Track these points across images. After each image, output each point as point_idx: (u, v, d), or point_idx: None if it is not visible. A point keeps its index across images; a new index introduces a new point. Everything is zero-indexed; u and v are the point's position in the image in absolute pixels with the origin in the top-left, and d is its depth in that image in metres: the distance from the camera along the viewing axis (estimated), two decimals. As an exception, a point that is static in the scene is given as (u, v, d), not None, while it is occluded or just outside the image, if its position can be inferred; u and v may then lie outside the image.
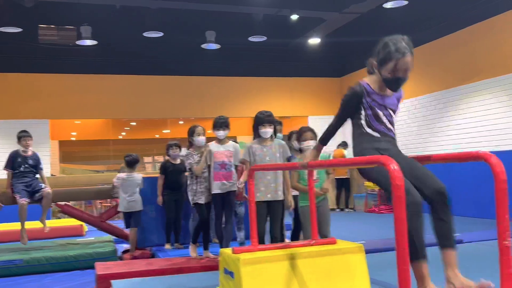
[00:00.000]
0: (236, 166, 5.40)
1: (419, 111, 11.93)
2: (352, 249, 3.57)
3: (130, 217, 6.57)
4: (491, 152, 2.49)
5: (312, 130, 4.77)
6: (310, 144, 4.60)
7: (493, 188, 2.34)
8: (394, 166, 2.16)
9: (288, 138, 5.98)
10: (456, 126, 10.82)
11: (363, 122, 2.87)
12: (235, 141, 5.88)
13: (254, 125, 4.62)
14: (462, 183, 10.44)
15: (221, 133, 5.31)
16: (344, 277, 3.45)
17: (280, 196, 4.50)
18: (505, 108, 9.58)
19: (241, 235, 6.48)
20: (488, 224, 8.70)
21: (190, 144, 5.64)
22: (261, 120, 4.53)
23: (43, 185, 6.60)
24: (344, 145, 13.00)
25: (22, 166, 6.53)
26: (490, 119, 9.90)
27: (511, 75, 9.45)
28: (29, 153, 6.67)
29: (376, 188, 12.37)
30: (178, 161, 6.81)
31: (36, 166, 6.67)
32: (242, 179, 5.19)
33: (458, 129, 10.75)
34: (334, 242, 3.68)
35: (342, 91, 14.47)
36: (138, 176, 6.62)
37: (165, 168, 6.78)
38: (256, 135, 4.59)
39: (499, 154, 9.81)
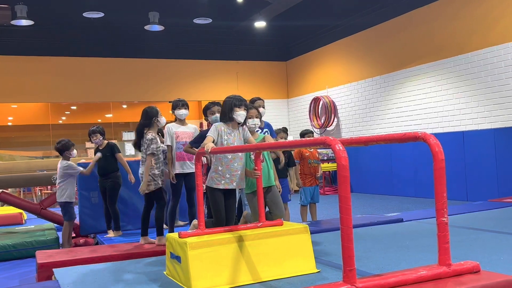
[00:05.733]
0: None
1: (362, 94, 12.22)
2: (297, 230, 3.63)
3: None
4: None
5: (256, 108, 4.62)
6: (256, 121, 4.45)
7: (431, 168, 2.44)
8: (339, 146, 2.20)
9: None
10: (397, 109, 11.17)
11: None
12: None
13: (226, 108, 4.12)
14: (402, 164, 10.85)
15: (183, 112, 5.32)
16: (290, 257, 3.51)
17: (243, 185, 4.24)
18: (443, 92, 9.98)
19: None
20: (426, 203, 9.10)
21: (144, 126, 5.06)
22: (238, 102, 4.07)
23: None
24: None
25: None
26: (429, 102, 10.29)
27: (448, 60, 9.84)
28: None
29: (322, 171, 12.61)
30: (103, 147, 6.44)
31: None
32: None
33: (399, 112, 11.11)
34: (280, 224, 3.73)
35: (288, 74, 14.65)
36: (60, 163, 6.30)
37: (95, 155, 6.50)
38: (227, 119, 4.10)
39: (437, 136, 10.20)
